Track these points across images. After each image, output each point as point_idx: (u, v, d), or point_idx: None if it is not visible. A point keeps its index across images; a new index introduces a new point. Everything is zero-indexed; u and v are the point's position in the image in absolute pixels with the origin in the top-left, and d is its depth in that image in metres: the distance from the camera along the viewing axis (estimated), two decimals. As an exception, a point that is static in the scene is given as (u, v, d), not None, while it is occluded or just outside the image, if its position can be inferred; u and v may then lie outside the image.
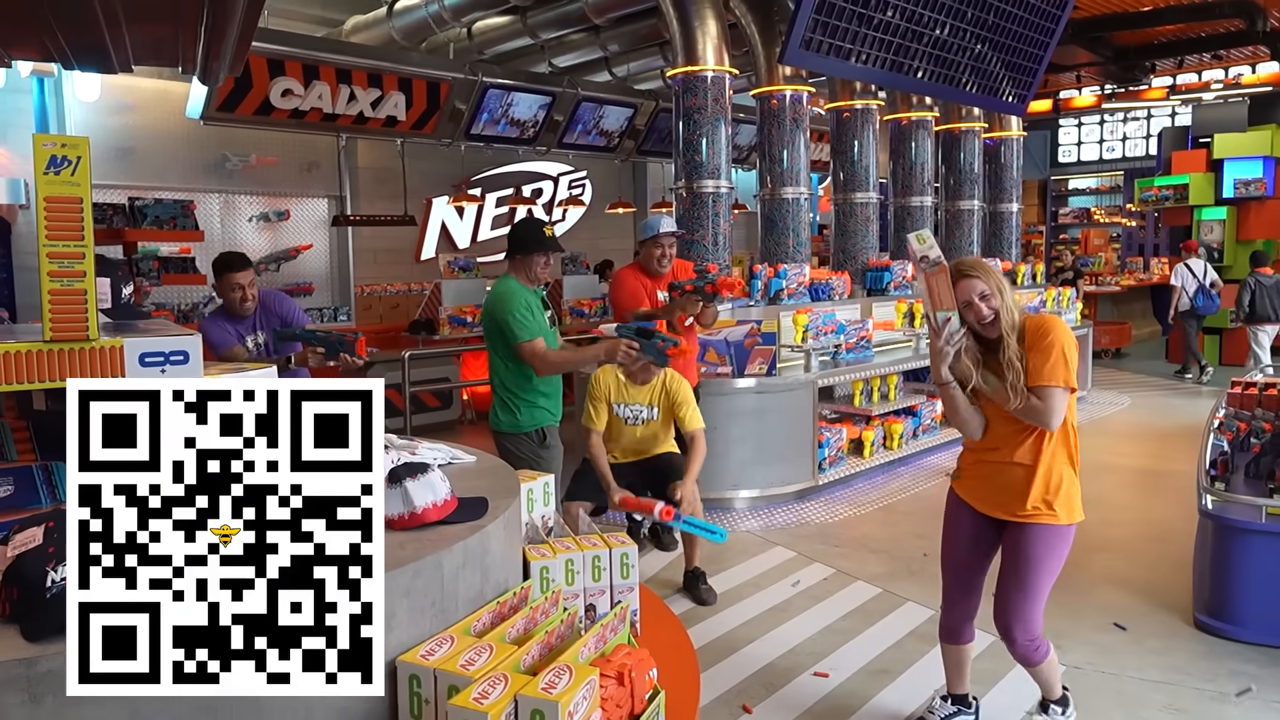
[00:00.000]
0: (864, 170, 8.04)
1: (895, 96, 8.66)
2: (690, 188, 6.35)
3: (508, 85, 9.54)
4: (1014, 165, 10.24)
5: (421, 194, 10.69)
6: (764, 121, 7.20)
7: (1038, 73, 8.68)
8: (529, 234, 3.64)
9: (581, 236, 12.88)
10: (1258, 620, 3.49)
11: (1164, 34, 13.73)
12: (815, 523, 5.44)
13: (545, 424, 3.70)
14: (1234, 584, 3.57)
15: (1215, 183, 11.93)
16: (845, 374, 6.33)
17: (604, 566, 2.15)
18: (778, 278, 6.46)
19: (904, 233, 8.89)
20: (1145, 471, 6.47)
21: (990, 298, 2.51)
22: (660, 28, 9.08)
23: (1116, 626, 3.76)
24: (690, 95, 6.28)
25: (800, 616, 3.96)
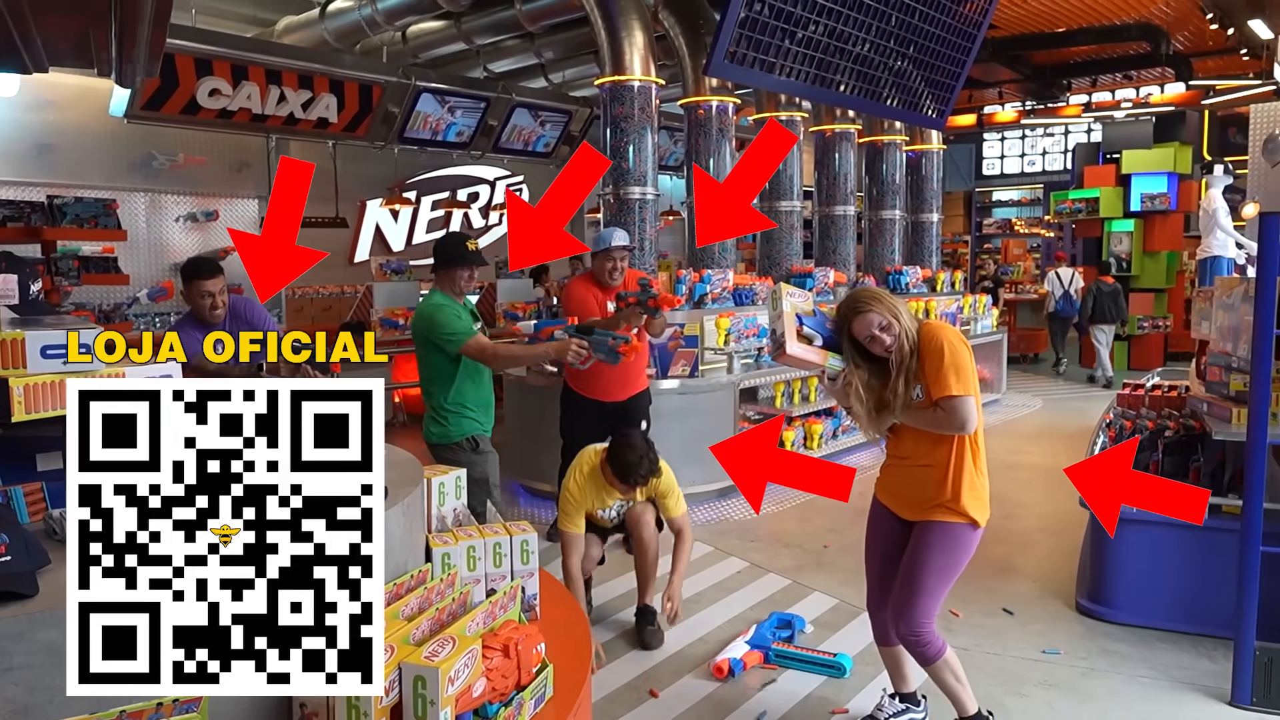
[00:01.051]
0: (789, 180, 8.28)
1: (820, 109, 8.91)
2: (617, 194, 6.49)
3: (441, 89, 9.59)
4: (934, 177, 10.61)
5: (355, 196, 10.64)
6: (692, 131, 7.37)
7: (955, 89, 9.00)
8: (451, 249, 3.73)
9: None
10: (1129, 603, 3.75)
11: (1079, 54, 14.37)
12: (735, 519, 5.61)
13: (475, 433, 3.76)
14: (1110, 570, 3.83)
15: (1124, 196, 12.49)
16: (767, 376, 6.53)
17: (505, 553, 2.25)
18: (702, 282, 6.63)
19: (828, 240, 9.18)
20: (1048, 469, 6.79)
21: (889, 327, 2.53)
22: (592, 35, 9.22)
23: (1005, 612, 3.99)
24: (618, 104, 6.42)
25: (712, 607, 4.12)
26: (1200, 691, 3.25)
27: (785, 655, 3.48)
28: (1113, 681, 3.33)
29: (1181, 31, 12.95)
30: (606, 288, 4.65)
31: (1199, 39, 13.20)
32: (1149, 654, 3.54)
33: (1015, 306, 14.21)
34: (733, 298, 6.89)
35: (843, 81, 7.61)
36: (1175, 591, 3.70)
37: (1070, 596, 4.11)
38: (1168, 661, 3.48)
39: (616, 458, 3.52)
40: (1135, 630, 3.71)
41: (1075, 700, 3.21)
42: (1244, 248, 7.78)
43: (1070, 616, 3.94)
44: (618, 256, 4.60)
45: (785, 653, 3.49)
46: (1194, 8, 11.65)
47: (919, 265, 10.30)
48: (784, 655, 3.48)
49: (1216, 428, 3.61)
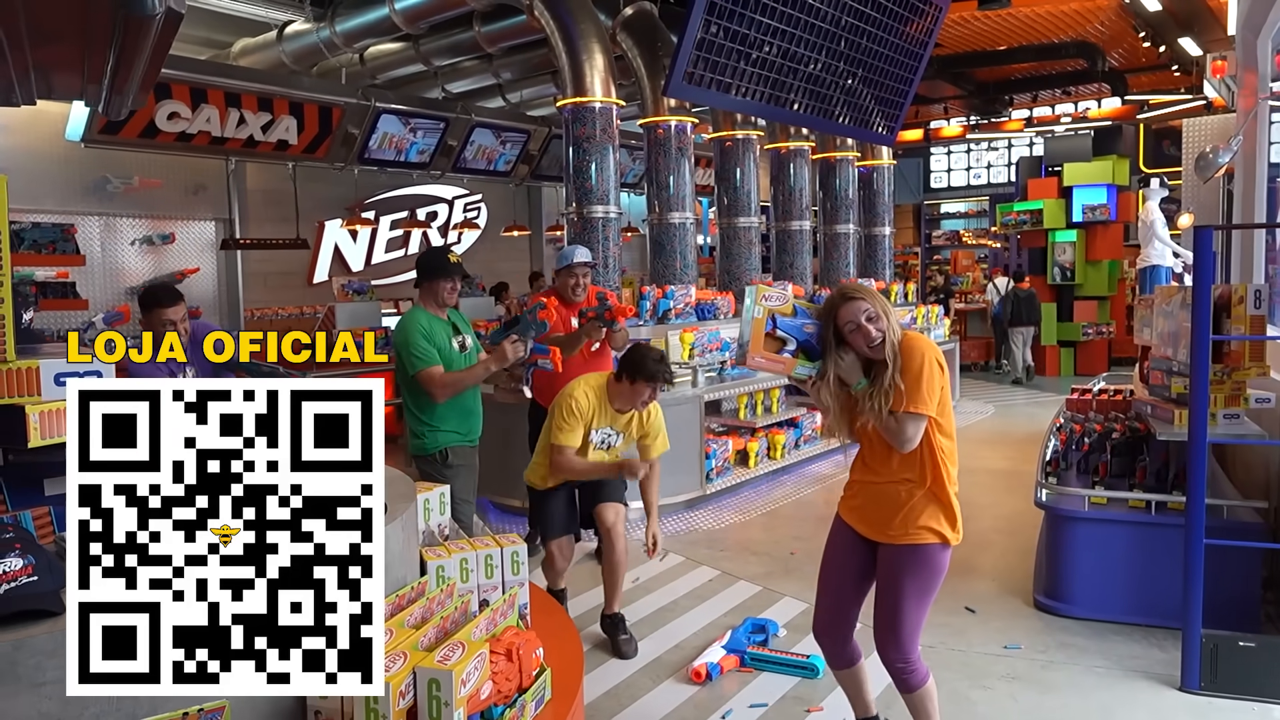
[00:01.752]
0: (746, 196, 8.46)
1: (774, 127, 9.12)
2: (581, 212, 6.60)
3: (401, 110, 9.62)
4: (885, 191, 10.89)
5: (314, 216, 10.62)
6: (651, 150, 7.51)
7: (904, 106, 9.28)
8: (432, 261, 3.80)
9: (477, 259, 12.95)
10: (1084, 597, 3.93)
11: (1020, 71, 14.84)
12: (703, 529, 5.72)
13: (447, 445, 3.81)
14: (1064, 567, 4.01)
15: (1066, 208, 12.93)
16: (730, 389, 6.67)
17: (496, 564, 2.33)
18: (665, 298, 6.75)
19: (785, 254, 9.37)
20: (1002, 472, 7.02)
21: (877, 319, 2.44)
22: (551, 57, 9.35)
23: (967, 610, 4.15)
24: (579, 125, 6.53)
25: (686, 615, 4.22)
26: (1152, 679, 3.42)
27: (760, 658, 3.59)
28: (1071, 673, 3.49)
29: (1116, 49, 13.46)
30: (570, 304, 4.72)
31: (1133, 56, 13.73)
32: (1104, 646, 3.71)
33: (965, 316, 14.60)
34: (695, 312, 7.03)
35: (796, 100, 7.82)
36: (1126, 585, 3.89)
37: (1028, 594, 4.29)
38: (1121, 652, 3.66)
39: (635, 363, 3.59)
40: (1090, 624, 3.89)
41: (1037, 692, 3.36)
42: (1180, 257, 8.14)
43: (1029, 613, 4.11)
44: (580, 273, 4.67)
45: (760, 656, 3.60)
46: (1127, 27, 12.13)
47: (873, 277, 10.57)
48: (759, 658, 3.59)
49: (1160, 429, 3.81)
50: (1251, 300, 3.68)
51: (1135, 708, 3.23)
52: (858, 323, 2.44)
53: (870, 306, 2.45)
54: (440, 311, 3.82)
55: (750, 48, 7.03)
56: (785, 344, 2.52)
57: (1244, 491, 4.28)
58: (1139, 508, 3.93)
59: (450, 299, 3.81)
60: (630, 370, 3.60)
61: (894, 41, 8.63)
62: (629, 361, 3.62)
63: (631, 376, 3.60)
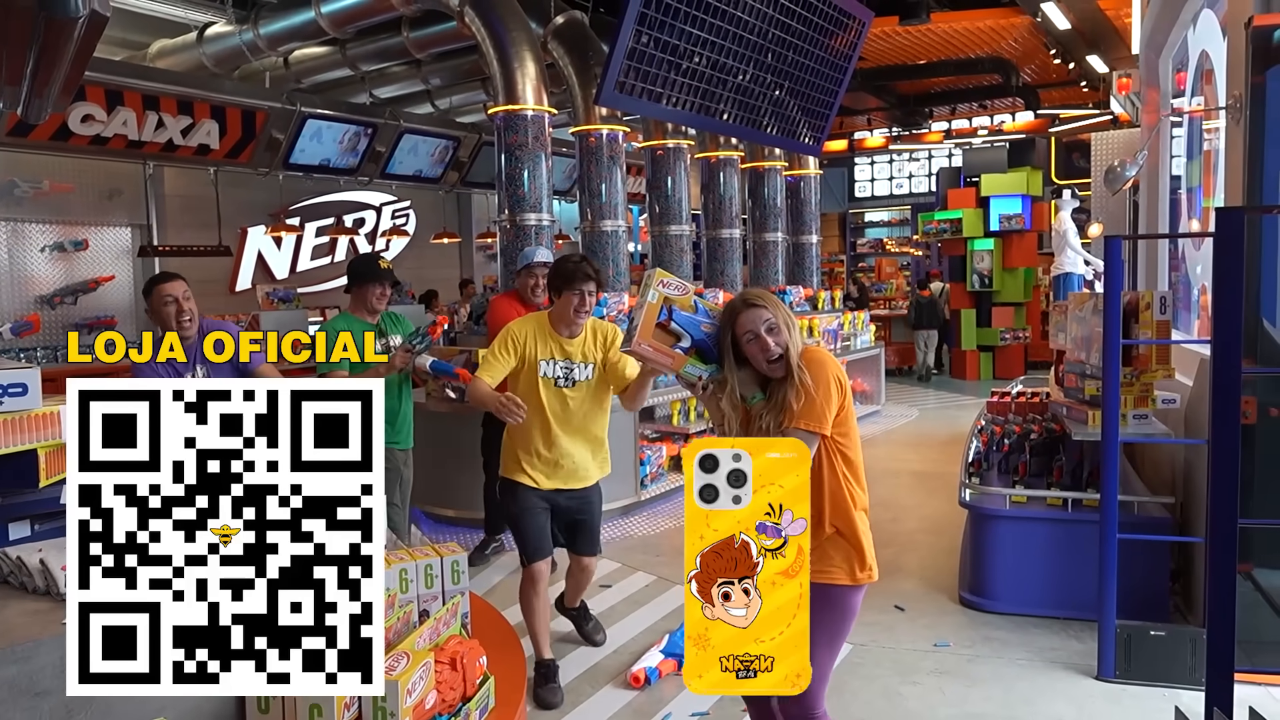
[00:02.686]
0: (677, 204, 8.55)
1: (704, 136, 9.24)
2: (513, 220, 6.58)
3: (326, 115, 9.46)
4: (812, 200, 11.12)
5: (236, 223, 10.35)
6: (583, 158, 7.54)
7: (829, 117, 9.49)
8: (362, 266, 3.83)
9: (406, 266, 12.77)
10: (1006, 593, 4.09)
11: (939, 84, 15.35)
12: (639, 535, 5.76)
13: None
14: (987, 564, 4.16)
15: (983, 217, 13.38)
16: (664, 395, 6.72)
17: (436, 574, 2.32)
18: (599, 305, 6.78)
19: (716, 262, 9.49)
20: (926, 474, 7.22)
21: (777, 331, 2.22)
22: (481, 64, 9.31)
23: (896, 609, 4.26)
24: (511, 132, 6.52)
25: (625, 620, 4.24)
26: (1071, 669, 3.57)
27: None
28: (995, 665, 3.63)
29: (1029, 65, 14.02)
30: (529, 304, 4.56)
31: (1044, 72, 14.32)
32: (1025, 639, 3.86)
33: (890, 322, 14.98)
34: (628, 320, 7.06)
35: (725, 111, 7.94)
36: (1045, 580, 4.05)
37: (954, 591, 4.43)
38: (1041, 644, 3.81)
39: (554, 273, 3.33)
40: (1012, 618, 4.04)
41: (964, 684, 3.48)
42: (1091, 265, 8.52)
43: (955, 609, 4.25)
44: (539, 273, 4.47)
45: None
46: (1039, 44, 12.65)
47: (801, 285, 10.77)
48: None
49: (1075, 429, 3.98)
50: (1157, 306, 3.88)
51: (1055, 697, 3.37)
52: (756, 332, 2.21)
53: (772, 316, 2.23)
54: (370, 317, 3.83)
55: (680, 58, 7.12)
56: (679, 339, 2.32)
57: (1153, 488, 4.51)
58: (1056, 505, 4.10)
59: (379, 304, 3.84)
60: (554, 284, 3.31)
61: (819, 54, 8.84)
62: (550, 278, 3.37)
63: (557, 289, 3.30)
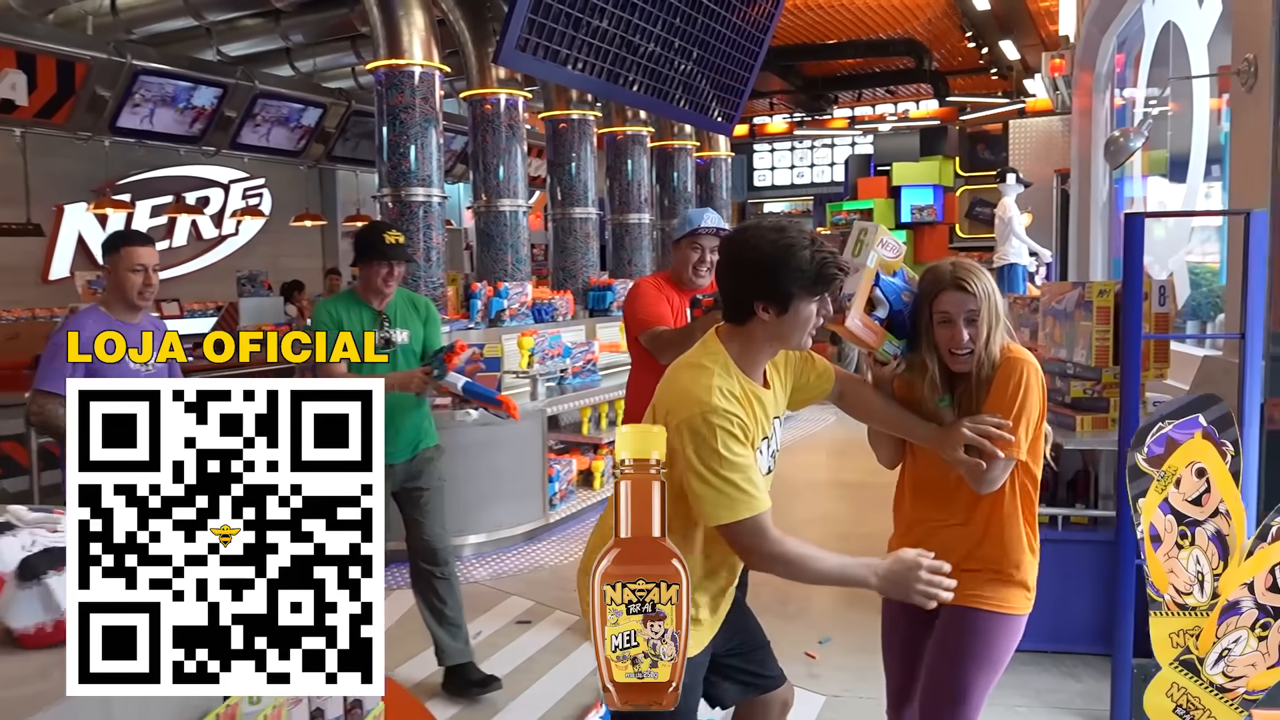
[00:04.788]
0: (583, 185, 8.05)
1: (610, 110, 8.80)
2: (398, 196, 5.94)
3: (164, 72, 8.50)
4: (724, 185, 10.85)
5: (49, 198, 9.25)
6: (477, 128, 6.96)
7: (744, 93, 9.23)
8: (363, 239, 3.46)
9: (261, 253, 11.86)
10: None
11: (847, 67, 15.39)
12: (549, 565, 5.24)
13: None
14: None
15: (895, 208, 13.47)
16: (573, 400, 6.22)
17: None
18: (499, 297, 6.23)
19: (624, 250, 9.04)
20: (860, 485, 6.96)
21: (977, 324, 2.00)
22: (352, 19, 8.57)
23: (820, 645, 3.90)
24: (395, 92, 5.89)
25: (548, 676, 3.72)
26: (1076, 714, 3.29)
27: None
28: (996, 713, 3.30)
29: (941, 49, 14.20)
30: (689, 288, 3.42)
31: (954, 57, 14.54)
32: (1019, 680, 3.55)
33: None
34: (532, 314, 6.55)
35: (635, 79, 7.55)
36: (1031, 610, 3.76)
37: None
38: (1038, 686, 3.52)
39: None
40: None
41: (962, 742, 3.13)
42: (1037, 255, 8.50)
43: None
44: (707, 245, 3.33)
45: None
46: (953, 26, 12.79)
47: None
48: None
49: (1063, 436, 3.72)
50: (1156, 297, 3.66)
51: (1068, 752, 3.07)
52: (953, 318, 2.00)
53: (976, 307, 1.99)
54: (377, 301, 3.44)
55: (588, 15, 6.67)
56: (876, 307, 2.05)
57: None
58: (1043, 523, 3.82)
59: (385, 287, 3.42)
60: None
61: (735, 22, 8.55)
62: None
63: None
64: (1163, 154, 6.01)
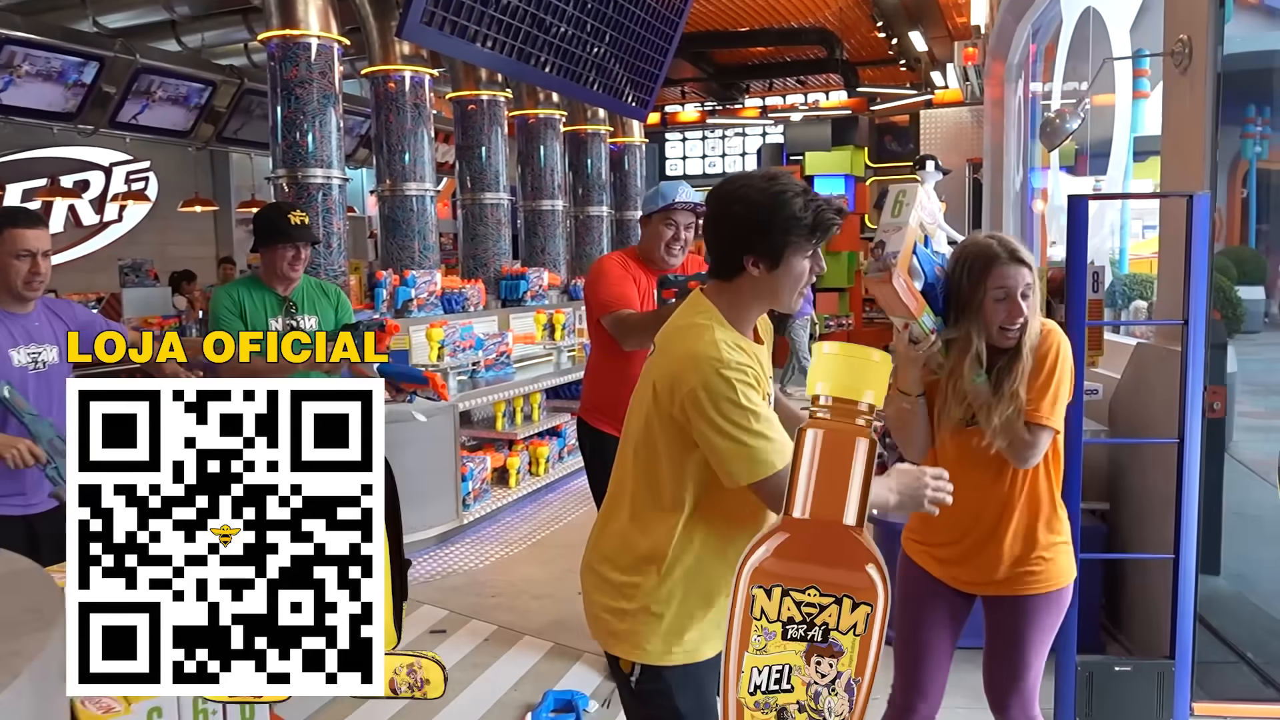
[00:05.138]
0: (494, 170, 7.73)
1: (522, 92, 8.50)
2: (294, 177, 5.55)
3: (32, 42, 7.83)
4: (638, 173, 10.65)
5: (-96, 180, 8.45)
6: (381, 107, 6.58)
7: (659, 78, 9.04)
8: (265, 221, 3.29)
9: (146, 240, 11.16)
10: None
11: (759, 56, 15.36)
12: (463, 570, 4.97)
13: None
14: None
15: (808, 198, 13.50)
16: (487, 395, 5.93)
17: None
18: (405, 285, 5.89)
19: (536, 239, 8.76)
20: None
21: (1031, 298, 2.01)
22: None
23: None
24: (291, 65, 5.49)
25: (466, 693, 3.46)
26: (1017, 715, 3.18)
27: None
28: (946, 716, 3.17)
29: (851, 39, 14.27)
30: (661, 267, 3.18)
31: (864, 47, 14.65)
32: (957, 679, 3.44)
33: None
34: (441, 304, 6.23)
35: (546, 59, 7.28)
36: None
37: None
38: (974, 684, 3.41)
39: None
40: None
41: (905, 749, 2.99)
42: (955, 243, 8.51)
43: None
44: (682, 222, 3.12)
45: None
46: (864, 16, 12.85)
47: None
48: None
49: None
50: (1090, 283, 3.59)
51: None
52: (1012, 294, 1.98)
53: (1032, 279, 2.00)
54: (282, 287, 3.26)
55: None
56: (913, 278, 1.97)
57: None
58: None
59: (290, 272, 3.25)
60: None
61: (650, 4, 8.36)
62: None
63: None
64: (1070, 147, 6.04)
